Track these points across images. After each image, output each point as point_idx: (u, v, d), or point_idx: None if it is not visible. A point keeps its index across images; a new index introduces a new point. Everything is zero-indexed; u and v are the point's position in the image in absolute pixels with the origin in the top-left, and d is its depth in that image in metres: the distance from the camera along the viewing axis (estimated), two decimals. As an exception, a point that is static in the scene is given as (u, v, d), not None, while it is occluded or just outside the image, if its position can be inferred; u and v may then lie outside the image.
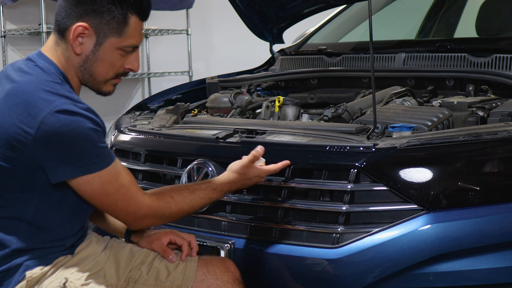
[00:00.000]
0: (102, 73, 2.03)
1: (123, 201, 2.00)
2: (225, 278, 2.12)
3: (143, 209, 2.03)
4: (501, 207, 2.15)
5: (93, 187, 1.94)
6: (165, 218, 2.11)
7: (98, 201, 1.99)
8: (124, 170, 2.03)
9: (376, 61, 3.19)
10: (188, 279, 2.10)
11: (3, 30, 5.09)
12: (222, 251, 2.28)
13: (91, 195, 1.96)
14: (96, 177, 1.93)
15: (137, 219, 2.06)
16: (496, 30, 3.56)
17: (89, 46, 1.99)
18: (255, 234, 2.29)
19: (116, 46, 2.01)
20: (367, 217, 2.17)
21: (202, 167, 2.40)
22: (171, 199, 2.09)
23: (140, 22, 2.04)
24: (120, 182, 1.98)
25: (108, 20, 1.97)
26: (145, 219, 2.06)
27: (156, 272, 2.11)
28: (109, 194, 1.97)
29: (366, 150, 2.20)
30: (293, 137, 2.40)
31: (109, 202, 1.99)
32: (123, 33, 2.00)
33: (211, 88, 3.40)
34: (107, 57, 2.01)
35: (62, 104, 1.88)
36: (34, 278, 1.94)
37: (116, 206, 2.01)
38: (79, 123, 1.88)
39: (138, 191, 2.03)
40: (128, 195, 2.01)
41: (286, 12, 3.47)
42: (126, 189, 2.00)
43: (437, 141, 2.23)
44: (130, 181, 2.02)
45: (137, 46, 2.06)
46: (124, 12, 1.98)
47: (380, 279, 2.10)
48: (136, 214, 2.04)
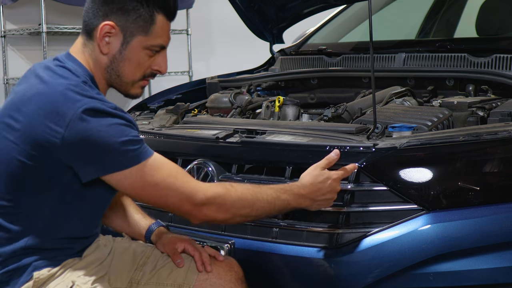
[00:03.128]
0: (130, 73, 2.02)
1: (173, 190, 1.92)
2: (228, 277, 2.12)
3: (199, 195, 1.93)
4: (501, 207, 2.15)
5: (132, 181, 1.89)
6: (226, 208, 1.97)
7: (144, 195, 1.93)
8: (168, 162, 1.96)
9: (376, 61, 3.19)
10: (191, 278, 2.10)
11: (3, 30, 5.10)
12: (222, 251, 2.28)
13: (132, 189, 1.92)
14: (133, 171, 1.88)
15: (195, 208, 1.94)
16: (496, 30, 3.56)
17: (116, 45, 1.98)
18: (255, 234, 2.29)
19: (143, 45, 1.99)
20: (367, 217, 2.17)
21: (202, 167, 2.40)
22: (230, 187, 1.99)
23: (167, 22, 2.02)
24: (163, 172, 1.92)
25: (134, 18, 1.97)
26: (204, 207, 1.94)
27: (159, 271, 2.11)
28: (153, 185, 1.91)
29: (366, 150, 2.20)
30: (293, 137, 2.40)
31: (157, 194, 1.92)
32: (149, 32, 1.98)
33: (211, 88, 3.40)
34: (134, 57, 2.00)
35: (89, 102, 1.87)
36: (41, 279, 1.94)
37: (166, 197, 1.93)
38: (107, 120, 1.87)
39: (189, 179, 1.96)
40: (177, 184, 1.92)
41: (286, 12, 3.47)
42: (173, 179, 1.92)
43: (437, 141, 2.23)
44: (176, 171, 1.95)
45: (164, 46, 2.04)
46: (150, 10, 1.97)
47: (380, 279, 2.10)
48: (191, 201, 1.93)
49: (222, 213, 1.97)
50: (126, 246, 2.18)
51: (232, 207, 1.98)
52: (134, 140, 1.90)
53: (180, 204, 1.94)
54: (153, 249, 2.19)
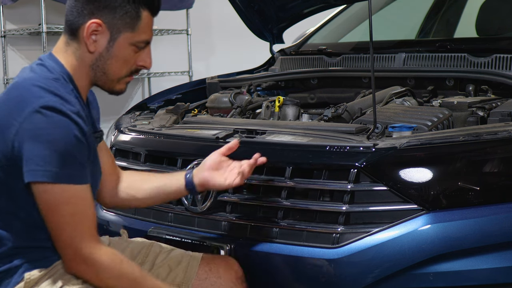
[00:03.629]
0: (116, 70, 2.02)
1: (72, 230, 1.87)
2: (227, 277, 2.12)
3: (86, 252, 1.88)
4: (501, 207, 2.15)
5: (49, 198, 1.85)
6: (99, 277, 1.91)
7: (49, 217, 1.88)
8: (91, 201, 1.91)
9: (376, 61, 3.19)
10: (190, 277, 2.09)
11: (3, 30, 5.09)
12: (222, 251, 2.28)
13: (43, 205, 1.86)
14: (56, 189, 1.84)
15: (75, 259, 1.90)
16: (496, 30, 3.56)
17: (102, 43, 1.98)
18: (255, 234, 2.29)
19: (129, 42, 1.99)
20: (367, 217, 2.17)
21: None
22: (118, 263, 1.93)
23: (151, 17, 2.03)
24: (80, 208, 1.87)
25: (121, 15, 1.97)
26: (82, 265, 1.89)
27: (157, 270, 2.11)
28: (61, 215, 1.86)
29: (366, 150, 2.20)
30: (293, 137, 2.40)
31: (57, 224, 1.87)
32: (136, 28, 1.99)
33: (211, 88, 3.40)
34: (120, 54, 2.00)
35: (50, 101, 1.86)
36: (32, 280, 1.93)
37: (62, 231, 1.88)
38: (63, 124, 1.85)
39: (92, 231, 1.90)
40: (80, 227, 1.88)
41: (286, 12, 3.47)
42: (81, 219, 1.88)
43: (437, 141, 2.23)
44: (89, 215, 1.90)
45: (149, 41, 2.05)
46: (136, 6, 1.98)
47: (380, 279, 2.10)
48: (76, 253, 1.88)
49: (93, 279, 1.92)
50: (123, 246, 2.18)
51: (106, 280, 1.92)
52: (77, 160, 1.86)
53: (66, 246, 1.89)
54: (150, 247, 2.18)
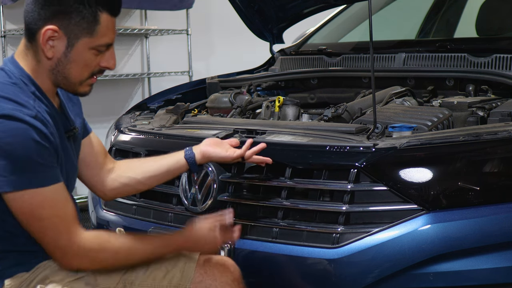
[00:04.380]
0: (77, 74, 1.95)
1: (54, 232, 1.86)
2: (223, 279, 2.08)
3: (74, 246, 1.87)
4: (501, 207, 2.15)
5: (22, 206, 1.83)
6: (97, 263, 1.93)
7: (26, 224, 1.86)
8: (66, 199, 1.90)
9: (376, 61, 3.19)
10: (187, 278, 2.06)
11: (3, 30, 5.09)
12: (222, 251, 2.28)
13: (19, 214, 1.85)
14: (26, 196, 1.81)
15: (66, 256, 1.89)
16: (496, 30, 3.56)
17: (60, 48, 1.91)
18: (255, 234, 2.29)
19: (88, 46, 1.93)
20: (367, 217, 2.17)
21: (202, 167, 2.40)
22: (107, 243, 1.93)
23: (112, 19, 1.95)
24: (55, 210, 1.85)
25: (77, 20, 1.89)
26: (75, 258, 1.90)
27: (154, 272, 2.09)
28: (39, 219, 1.84)
29: (366, 150, 2.20)
30: (293, 137, 2.40)
31: (38, 229, 1.86)
32: (94, 32, 1.91)
33: (211, 88, 3.40)
34: (80, 58, 1.93)
35: (5, 109, 1.81)
36: (13, 286, 1.91)
37: (44, 234, 1.86)
38: (18, 131, 1.81)
39: (74, 225, 1.89)
40: (61, 227, 1.86)
41: (286, 12, 3.47)
42: (60, 220, 1.86)
43: (437, 141, 2.23)
44: (68, 213, 1.88)
45: (110, 44, 1.97)
46: (93, 10, 1.90)
47: (380, 279, 2.10)
48: (65, 250, 1.88)
49: (93, 266, 1.94)
50: None
51: (104, 262, 1.94)
52: (40, 163, 1.83)
53: (54, 247, 1.89)
54: None
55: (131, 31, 5.46)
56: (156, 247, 2.02)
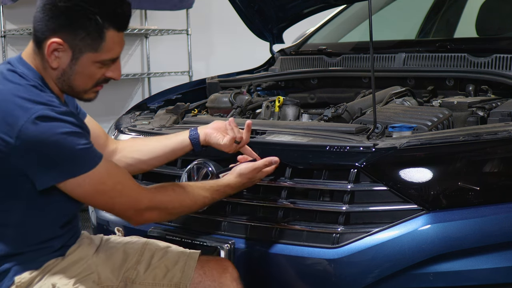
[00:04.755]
0: (81, 84, 1.99)
1: (121, 197, 1.98)
2: (222, 280, 2.10)
3: (144, 201, 2.01)
4: (501, 207, 2.15)
5: (85, 189, 1.92)
6: (167, 212, 2.08)
7: (94, 201, 1.99)
8: (116, 167, 2.01)
9: (376, 61, 3.19)
10: (187, 277, 2.08)
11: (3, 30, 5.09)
12: (222, 251, 2.28)
13: (84, 196, 1.95)
14: (86, 179, 1.91)
15: (138, 213, 2.02)
16: (496, 30, 3.56)
17: (65, 60, 1.94)
18: (255, 234, 2.29)
19: (92, 61, 1.95)
20: (367, 217, 2.17)
21: (202, 167, 2.40)
22: (173, 193, 2.08)
23: (119, 34, 1.97)
24: (113, 179, 1.96)
25: (82, 36, 1.91)
26: (147, 212, 2.03)
27: (154, 271, 2.10)
28: (104, 193, 1.95)
29: (366, 150, 2.20)
30: (293, 137, 2.40)
31: (106, 200, 1.98)
32: (99, 49, 1.93)
33: (211, 88, 3.40)
34: (85, 71, 1.96)
35: (38, 110, 1.85)
36: (23, 283, 1.93)
37: (113, 203, 1.99)
38: (58, 128, 1.86)
39: (136, 185, 2.02)
40: (126, 190, 1.99)
41: (286, 12, 3.47)
42: (122, 185, 1.98)
43: (437, 141, 2.22)
44: (124, 177, 2.00)
45: (116, 58, 2.00)
46: (99, 27, 1.91)
47: (380, 279, 2.10)
48: (136, 208, 2.01)
49: (163, 216, 2.10)
50: (117, 245, 2.17)
51: (173, 211, 2.11)
52: (84, 148, 1.90)
53: (125, 210, 2.02)
54: (146, 245, 2.18)
55: (131, 31, 5.46)
56: (214, 195, 2.17)
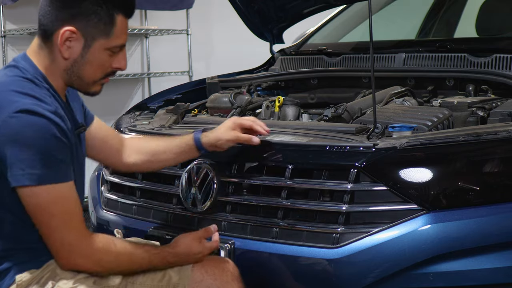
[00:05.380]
0: (91, 75, 2.01)
1: (64, 228, 1.89)
2: (224, 278, 2.11)
3: (81, 245, 1.92)
4: (501, 207, 2.15)
5: (37, 201, 1.86)
6: (100, 265, 1.97)
7: (39, 219, 1.90)
8: (76, 198, 1.94)
9: (376, 61, 3.19)
10: (185, 277, 2.08)
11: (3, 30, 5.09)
12: (222, 251, 2.28)
13: (34, 209, 1.88)
14: (43, 191, 1.85)
15: (71, 256, 1.92)
16: (496, 30, 3.56)
17: (77, 49, 1.97)
18: (255, 234, 2.29)
19: (104, 47, 1.98)
20: (367, 217, 2.17)
21: (202, 167, 2.40)
22: (112, 245, 1.98)
23: (126, 20, 2.01)
24: (67, 206, 1.90)
25: (95, 22, 1.95)
26: (80, 258, 1.93)
27: (153, 273, 2.10)
28: (51, 215, 1.88)
29: (366, 150, 2.20)
30: (293, 137, 2.40)
31: (48, 225, 1.89)
32: (110, 34, 1.97)
33: (211, 88, 3.40)
34: (95, 59, 1.99)
35: (25, 104, 1.85)
36: (24, 282, 1.93)
37: (54, 231, 1.90)
38: (38, 126, 1.85)
39: (82, 225, 1.94)
40: (71, 224, 1.91)
41: (286, 12, 3.47)
42: (71, 217, 1.91)
43: (437, 141, 2.23)
44: (77, 212, 1.93)
45: (124, 45, 2.03)
46: (110, 12, 1.96)
47: (380, 279, 2.10)
48: (71, 249, 1.91)
49: (94, 267, 1.97)
50: None
51: (106, 266, 1.98)
52: (58, 159, 1.87)
53: (60, 245, 1.91)
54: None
55: (131, 31, 5.46)
56: (152, 258, 2.05)
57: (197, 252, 2.11)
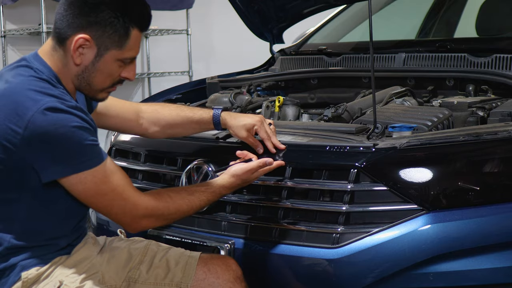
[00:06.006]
0: (100, 82, 2.03)
1: (120, 200, 1.99)
2: (226, 277, 2.12)
3: (141, 209, 2.02)
4: (501, 207, 2.15)
5: (86, 187, 1.93)
6: (164, 219, 2.09)
7: (93, 201, 1.98)
8: (119, 169, 2.01)
9: (376, 61, 3.19)
10: (188, 276, 2.09)
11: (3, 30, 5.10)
12: (222, 251, 2.28)
13: (85, 195, 1.96)
14: (88, 176, 1.92)
15: (135, 220, 2.03)
16: (496, 30, 3.56)
17: (89, 57, 1.99)
18: (255, 234, 2.29)
19: (116, 58, 2.01)
20: (367, 217, 2.17)
21: (202, 167, 2.40)
22: (169, 199, 2.08)
23: (140, 34, 2.04)
24: (114, 181, 1.97)
25: (110, 33, 1.97)
26: (143, 219, 2.04)
27: (156, 271, 2.11)
28: (104, 194, 1.96)
29: (366, 150, 2.20)
30: (293, 137, 2.40)
31: (105, 203, 1.98)
32: (124, 46, 2.00)
33: (211, 88, 3.40)
34: (106, 69, 2.01)
35: (48, 102, 1.88)
36: (30, 280, 1.94)
37: (112, 206, 1.99)
38: (66, 121, 1.88)
39: (134, 191, 2.02)
40: (124, 194, 1.99)
41: (286, 12, 3.47)
42: (121, 189, 1.99)
43: (437, 141, 2.23)
44: (125, 181, 2.01)
45: (135, 57, 2.06)
46: (126, 25, 1.98)
47: (380, 279, 2.10)
48: (133, 214, 2.02)
49: (159, 222, 2.10)
50: (121, 245, 2.18)
51: (169, 218, 2.11)
52: (91, 144, 1.93)
53: (123, 214, 2.02)
54: (148, 246, 2.19)
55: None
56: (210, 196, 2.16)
57: (252, 179, 2.21)
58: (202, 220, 2.41)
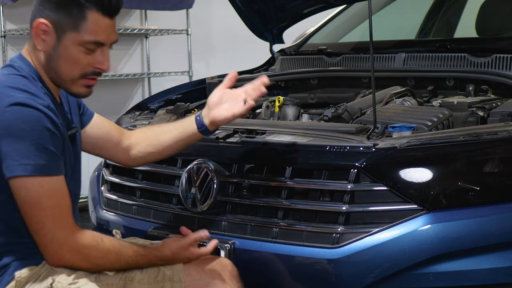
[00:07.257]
0: (67, 70, 1.99)
1: (54, 223, 1.89)
2: (222, 277, 2.11)
3: (70, 240, 1.91)
4: (501, 207, 2.15)
5: (28, 193, 1.86)
6: (88, 260, 1.96)
7: (29, 212, 1.89)
8: (67, 193, 1.94)
9: (376, 61, 3.19)
10: (177, 270, 2.08)
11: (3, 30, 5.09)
12: (222, 251, 2.28)
13: (25, 202, 1.88)
14: (35, 183, 1.86)
15: (61, 250, 1.92)
16: (496, 30, 3.56)
17: (50, 42, 1.97)
18: (255, 234, 2.29)
19: (75, 42, 1.96)
20: (367, 217, 2.17)
21: (202, 167, 2.40)
22: (100, 241, 1.98)
23: (104, 18, 1.98)
24: (58, 200, 1.90)
25: (65, 15, 1.95)
26: (68, 254, 1.93)
27: (149, 271, 2.10)
28: (42, 209, 1.88)
29: (366, 150, 2.20)
30: (293, 137, 2.40)
31: (38, 218, 1.88)
32: (79, 28, 1.95)
33: (211, 88, 3.39)
34: (68, 54, 1.97)
35: (19, 98, 1.87)
36: (23, 279, 1.94)
37: (43, 225, 1.89)
38: (34, 118, 1.86)
39: (71, 220, 1.94)
40: (61, 219, 1.90)
41: (286, 12, 3.47)
42: (61, 211, 1.90)
43: (437, 141, 2.22)
44: (68, 206, 1.93)
45: (101, 43, 1.99)
46: (81, 7, 1.94)
47: (380, 279, 2.10)
48: (61, 243, 1.91)
49: (83, 263, 1.96)
50: None
51: (94, 261, 1.97)
52: (52, 151, 1.88)
53: (50, 240, 1.91)
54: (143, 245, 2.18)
55: (131, 31, 5.46)
56: (139, 259, 2.05)
57: (183, 259, 2.10)
58: (202, 220, 2.41)
